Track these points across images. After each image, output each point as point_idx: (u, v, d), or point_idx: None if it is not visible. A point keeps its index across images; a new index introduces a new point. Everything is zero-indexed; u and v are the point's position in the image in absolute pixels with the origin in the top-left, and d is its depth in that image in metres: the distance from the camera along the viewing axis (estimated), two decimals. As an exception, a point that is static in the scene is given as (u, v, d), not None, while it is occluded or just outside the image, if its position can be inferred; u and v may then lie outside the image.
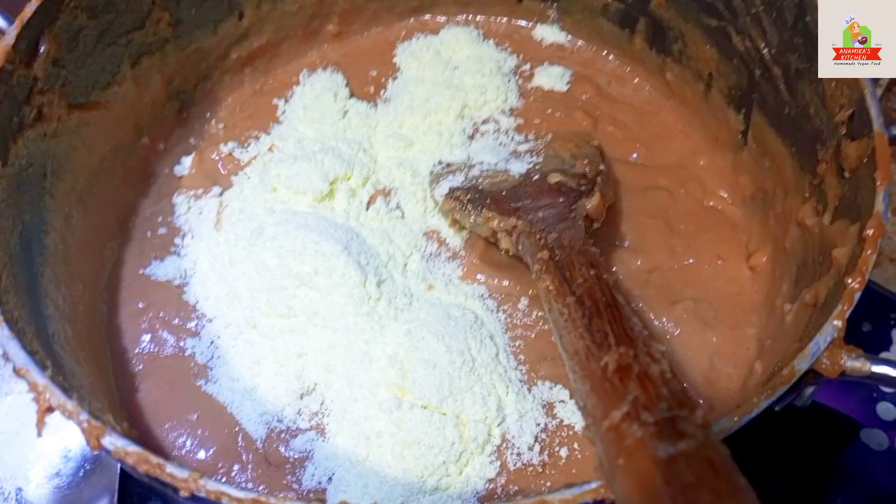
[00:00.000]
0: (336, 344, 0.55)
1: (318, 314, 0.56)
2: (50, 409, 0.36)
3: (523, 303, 0.58)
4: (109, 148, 0.61)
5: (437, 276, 0.60)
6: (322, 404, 0.53)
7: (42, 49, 0.53)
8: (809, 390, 0.38)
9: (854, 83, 0.47)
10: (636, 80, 0.72)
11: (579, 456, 0.52)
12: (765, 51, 0.57)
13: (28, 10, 0.52)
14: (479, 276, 0.59)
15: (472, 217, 0.57)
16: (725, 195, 0.64)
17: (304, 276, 0.57)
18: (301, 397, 0.54)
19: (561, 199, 0.55)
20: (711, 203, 0.64)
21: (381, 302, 0.57)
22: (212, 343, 0.57)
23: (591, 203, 0.55)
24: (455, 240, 0.62)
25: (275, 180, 0.64)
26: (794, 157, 0.56)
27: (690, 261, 0.61)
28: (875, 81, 0.47)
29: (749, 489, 0.28)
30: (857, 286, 0.38)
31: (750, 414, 0.35)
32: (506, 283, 0.59)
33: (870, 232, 0.40)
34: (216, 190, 0.65)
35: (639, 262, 0.60)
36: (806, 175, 0.53)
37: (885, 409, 0.67)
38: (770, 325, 0.55)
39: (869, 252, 0.39)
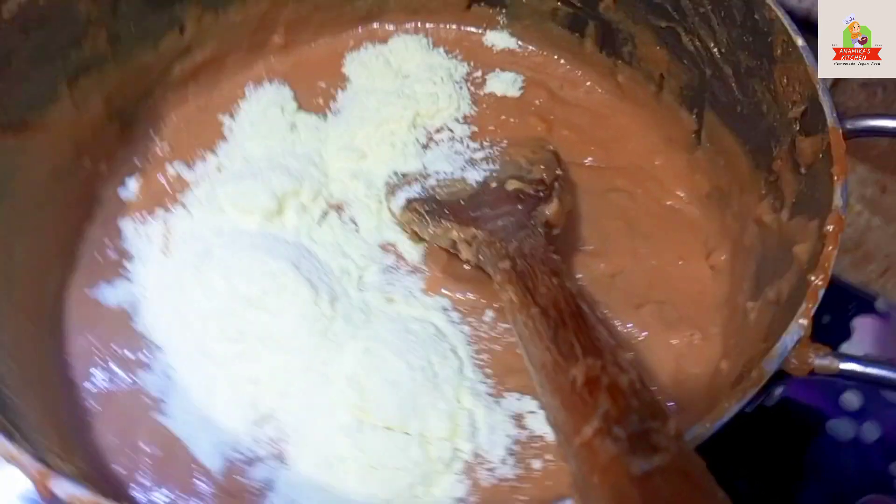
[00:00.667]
0: (291, 366, 0.53)
1: (270, 336, 0.54)
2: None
3: (489, 315, 0.57)
4: (49, 171, 0.58)
5: (398, 288, 0.58)
6: (280, 430, 0.52)
7: (-28, 72, 0.51)
8: (779, 390, 0.38)
9: (806, 79, 0.48)
10: (588, 84, 0.72)
11: (553, 467, 0.51)
12: (715, 50, 0.58)
13: (-47, 31, 0.49)
14: (442, 290, 0.58)
15: (431, 228, 0.56)
16: (682, 194, 0.65)
17: (253, 297, 0.55)
18: (258, 424, 0.52)
19: (520, 207, 0.55)
20: (670, 202, 0.64)
21: (337, 320, 0.55)
22: (164, 373, 0.54)
23: (550, 209, 0.54)
24: (414, 253, 0.61)
25: (222, 201, 0.61)
26: (749, 155, 0.56)
27: (653, 262, 0.61)
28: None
29: (721, 495, 0.28)
30: (820, 283, 0.38)
31: (721, 419, 0.35)
32: (470, 295, 0.58)
33: (830, 228, 0.40)
34: (160, 213, 0.63)
35: (602, 266, 0.60)
36: (761, 172, 0.54)
37: (849, 400, 0.68)
38: (733, 324, 0.55)
39: (830, 248, 0.39)
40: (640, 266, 0.61)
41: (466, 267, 0.58)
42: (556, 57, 0.73)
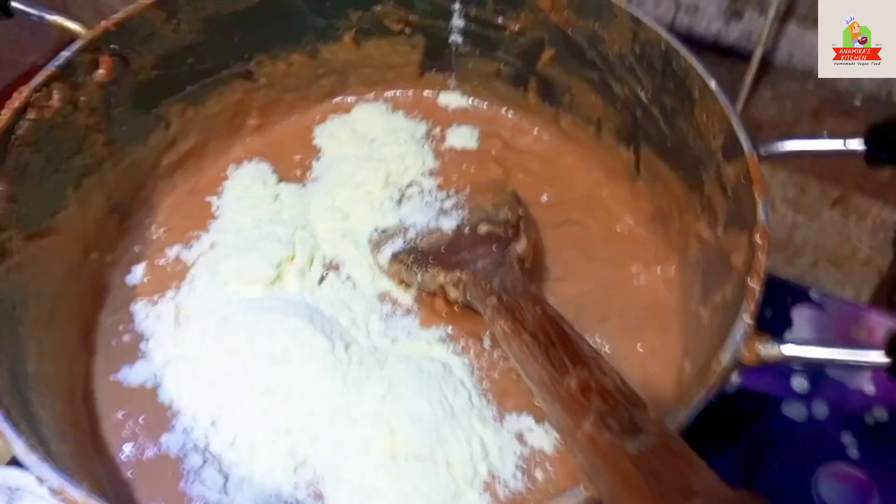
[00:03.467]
0: (317, 412, 0.59)
1: (296, 387, 0.60)
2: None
3: (481, 345, 0.64)
4: (64, 269, 0.64)
5: (398, 330, 0.65)
6: (315, 473, 0.57)
7: (-3, 190, 0.56)
8: (736, 379, 0.46)
9: (722, 115, 0.56)
10: (535, 131, 0.81)
11: (553, 476, 0.58)
12: (642, 95, 0.66)
13: (-21, 156, 0.55)
14: (435, 325, 0.65)
15: (419, 276, 0.63)
16: (629, 219, 0.73)
17: (277, 354, 0.61)
18: (295, 470, 0.58)
19: (494, 247, 0.62)
20: (619, 228, 0.73)
21: (353, 365, 0.62)
22: (193, 440, 0.59)
23: (521, 246, 0.62)
24: (405, 297, 0.68)
25: (224, 276, 0.68)
26: (682, 181, 0.65)
27: (611, 280, 0.69)
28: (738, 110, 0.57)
29: (705, 467, 0.36)
30: (756, 286, 0.47)
31: (692, 406, 0.43)
32: (461, 329, 0.65)
33: (758, 239, 0.49)
34: (170, 293, 0.68)
35: (568, 290, 0.68)
36: (695, 195, 0.63)
37: (798, 384, 0.76)
38: (689, 327, 0.63)
39: (761, 256, 0.48)
40: (601, 285, 0.69)
41: (455, 307, 0.65)
42: (504, 110, 0.82)
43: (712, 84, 0.58)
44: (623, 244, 0.72)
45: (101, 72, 0.65)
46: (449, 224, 0.69)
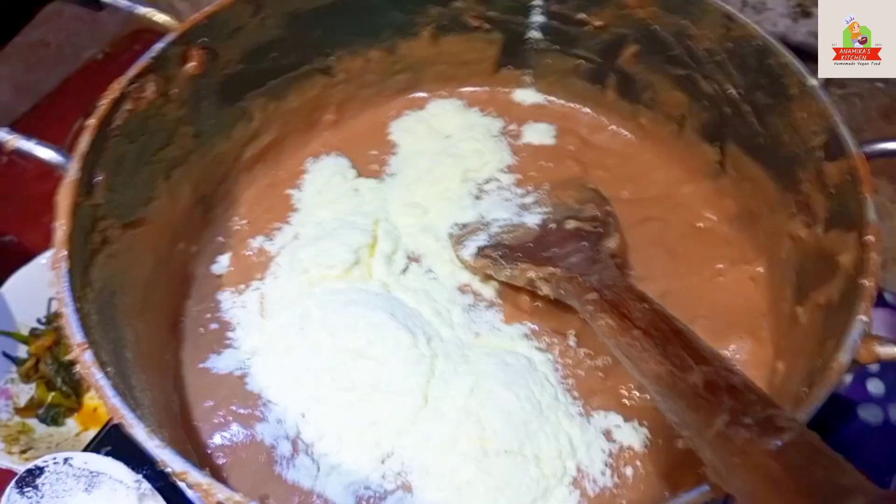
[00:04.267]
0: (403, 406, 0.60)
1: (381, 382, 0.60)
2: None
3: (566, 342, 0.64)
4: (153, 259, 0.65)
5: (482, 324, 0.65)
6: (403, 464, 0.58)
7: (98, 178, 0.57)
8: (848, 377, 0.45)
9: (823, 113, 0.56)
10: (612, 128, 0.80)
11: (642, 472, 0.58)
12: (732, 91, 0.66)
13: (83, 145, 0.56)
14: (519, 320, 0.65)
15: (508, 271, 0.63)
16: (712, 216, 0.72)
17: (360, 349, 0.61)
18: (382, 461, 0.58)
19: (584, 244, 0.62)
20: (701, 224, 0.72)
21: (438, 359, 0.62)
22: (284, 427, 0.60)
23: (614, 241, 0.62)
24: (488, 290, 0.68)
25: (305, 262, 0.68)
26: (775, 180, 0.64)
27: (695, 280, 0.68)
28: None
29: (844, 460, 0.35)
30: (871, 285, 0.46)
31: (815, 404, 0.42)
32: (545, 325, 0.65)
33: (870, 238, 0.48)
34: (255, 283, 0.69)
35: (652, 289, 0.66)
36: (789, 194, 0.62)
37: (875, 386, 0.75)
38: (780, 327, 0.62)
39: (874, 255, 0.47)
40: (685, 284, 0.68)
41: (537, 299, 0.65)
42: (580, 106, 0.82)
43: (813, 82, 0.57)
44: (706, 242, 0.71)
45: (191, 64, 0.66)
46: (533, 220, 0.68)
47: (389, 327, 0.62)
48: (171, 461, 0.42)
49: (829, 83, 1.02)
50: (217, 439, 0.60)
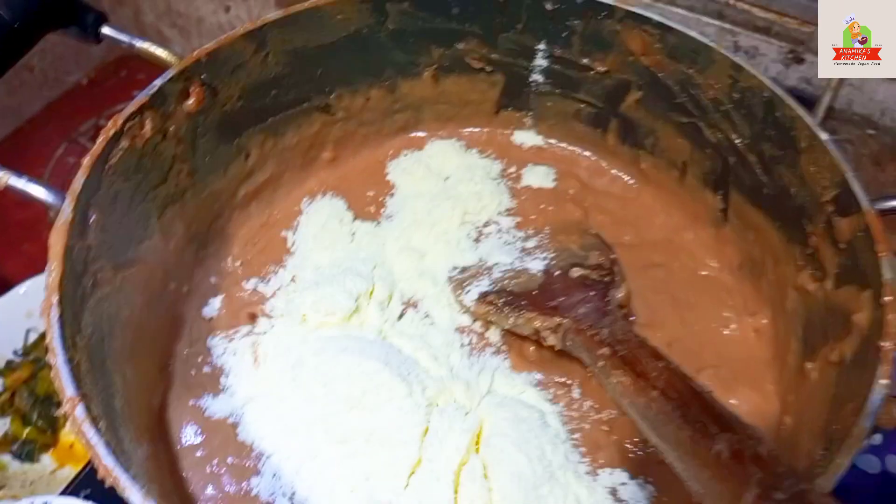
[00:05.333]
0: (398, 459, 0.57)
1: (374, 433, 0.58)
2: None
3: (574, 393, 0.62)
4: (145, 300, 0.63)
5: (487, 370, 0.63)
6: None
7: (92, 218, 0.55)
8: (868, 441, 0.44)
9: (834, 167, 0.55)
10: (613, 172, 0.79)
11: (649, 535, 0.57)
12: (737, 141, 0.65)
13: (77, 184, 0.54)
14: (527, 370, 0.64)
15: (512, 319, 0.62)
16: (715, 264, 0.72)
17: (353, 399, 0.59)
18: (381, 519, 0.56)
19: (592, 293, 0.61)
20: (704, 272, 0.71)
21: (434, 409, 0.59)
22: (277, 481, 0.58)
23: (621, 293, 0.60)
24: (492, 334, 0.66)
25: (303, 309, 0.66)
26: (780, 231, 0.63)
27: (700, 329, 0.67)
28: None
29: None
30: (892, 347, 0.45)
31: (838, 473, 0.41)
32: (550, 375, 0.63)
33: (888, 299, 0.47)
34: (246, 328, 0.67)
35: (659, 336, 0.66)
36: (796, 246, 0.61)
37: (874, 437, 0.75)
38: (786, 381, 0.61)
39: (892, 316, 0.46)
40: (690, 332, 0.67)
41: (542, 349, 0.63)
42: (581, 150, 0.81)
43: (823, 136, 0.57)
44: (710, 291, 0.70)
45: (191, 101, 0.64)
46: (536, 265, 0.67)
47: (383, 375, 0.60)
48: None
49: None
50: (209, 492, 0.58)
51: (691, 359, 0.64)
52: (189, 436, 0.61)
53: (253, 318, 0.68)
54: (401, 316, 0.67)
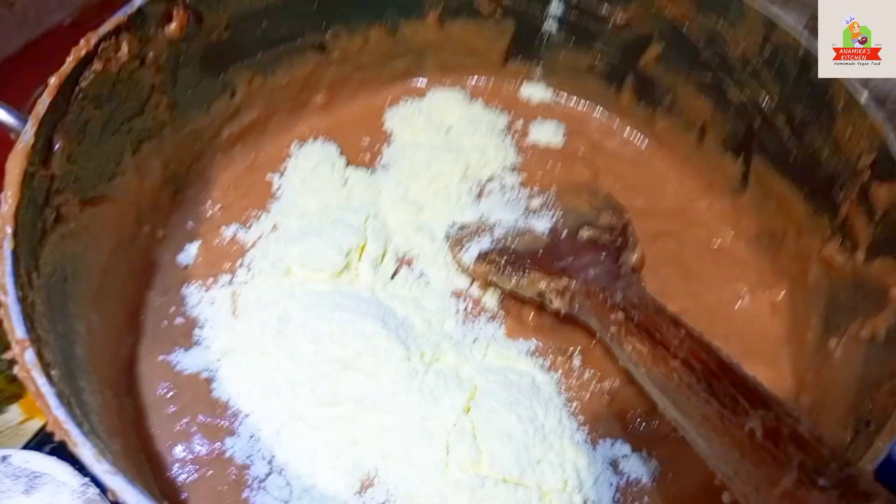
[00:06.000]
0: (390, 426, 0.53)
1: (367, 397, 0.54)
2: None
3: (574, 362, 0.58)
4: (115, 242, 0.57)
5: (481, 338, 0.59)
6: (387, 491, 0.51)
7: (57, 146, 0.49)
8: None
9: (873, 131, 0.51)
10: (625, 133, 0.75)
11: (650, 509, 0.53)
12: (764, 102, 0.61)
13: (41, 107, 0.48)
14: (523, 336, 0.60)
15: (514, 279, 0.57)
16: (730, 236, 0.67)
17: (347, 359, 0.55)
18: (362, 487, 0.52)
19: (603, 255, 0.56)
20: (718, 244, 0.67)
21: (429, 375, 0.55)
22: (254, 443, 0.53)
23: (636, 256, 0.56)
24: (489, 299, 0.62)
25: (287, 261, 0.61)
26: (806, 200, 0.59)
27: (711, 301, 0.63)
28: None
29: None
30: (938, 325, 0.41)
31: (880, 457, 0.37)
32: (548, 343, 0.59)
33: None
34: (225, 278, 0.62)
35: (668, 307, 0.62)
36: (823, 216, 0.57)
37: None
38: (804, 359, 0.57)
39: (938, 292, 0.42)
40: (700, 305, 0.63)
41: (543, 313, 0.59)
42: (592, 107, 0.76)
43: (862, 97, 0.52)
44: (723, 263, 0.66)
45: (173, 26, 0.58)
46: (541, 225, 0.62)
47: (381, 337, 0.55)
48: (122, 491, 0.35)
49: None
50: (178, 452, 0.53)
51: (701, 329, 0.60)
52: (158, 390, 0.56)
53: (232, 267, 0.63)
54: (394, 274, 0.63)
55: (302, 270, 0.61)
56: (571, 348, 0.59)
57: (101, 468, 0.36)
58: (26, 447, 0.65)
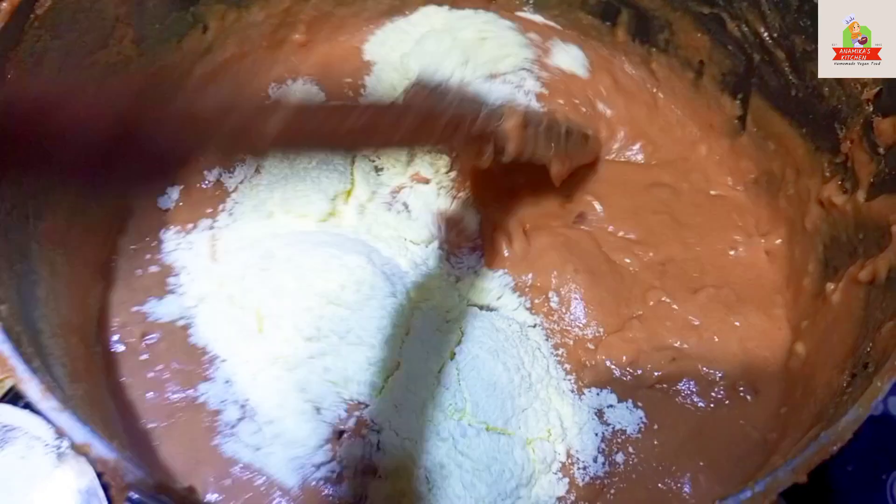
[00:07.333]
0: (375, 361, 0.51)
1: (351, 331, 0.52)
2: (129, 487, 0.31)
3: (552, 302, 0.57)
4: (80, 183, 0.54)
5: (464, 273, 0.58)
6: (367, 436, 0.49)
7: (8, 76, 0.46)
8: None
9: (879, 60, 0.48)
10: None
11: (635, 459, 0.51)
12: (765, 35, 0.57)
13: (-10, 34, 0.45)
14: (503, 267, 0.59)
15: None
16: (728, 181, 0.65)
17: (331, 293, 0.53)
18: (340, 434, 0.50)
19: None
20: (715, 191, 0.65)
21: (416, 316, 0.54)
22: (228, 388, 0.52)
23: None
24: (469, 220, 0.61)
25: (270, 205, 0.59)
26: (806, 138, 0.56)
27: (701, 250, 0.61)
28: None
29: None
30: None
31: (878, 398, 0.35)
32: (530, 276, 0.58)
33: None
34: (206, 222, 0.60)
35: (651, 255, 0.61)
36: (823, 154, 0.54)
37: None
38: (801, 306, 0.55)
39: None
40: (690, 254, 0.61)
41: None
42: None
43: (868, 24, 0.49)
44: (719, 210, 0.63)
45: (138, -50, 0.55)
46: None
47: (366, 271, 0.53)
48: (70, 428, 0.33)
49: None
50: (150, 398, 0.51)
51: (688, 278, 0.60)
52: (130, 338, 0.54)
53: (214, 212, 0.60)
54: (379, 213, 0.60)
55: (285, 216, 0.59)
56: (547, 287, 0.58)
57: (48, 405, 0.33)
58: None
